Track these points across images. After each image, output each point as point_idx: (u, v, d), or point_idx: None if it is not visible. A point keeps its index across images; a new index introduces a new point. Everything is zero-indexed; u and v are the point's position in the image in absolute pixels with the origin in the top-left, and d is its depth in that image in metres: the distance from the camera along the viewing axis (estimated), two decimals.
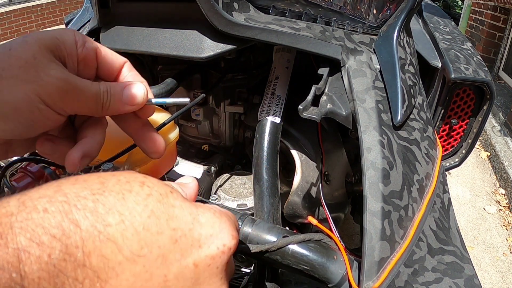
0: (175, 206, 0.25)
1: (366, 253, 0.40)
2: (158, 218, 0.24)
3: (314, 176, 0.60)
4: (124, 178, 0.25)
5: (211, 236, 0.25)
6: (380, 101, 0.52)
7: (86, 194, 0.22)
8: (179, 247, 0.24)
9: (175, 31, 0.52)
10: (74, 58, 0.33)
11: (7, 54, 0.29)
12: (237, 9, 0.49)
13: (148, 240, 0.23)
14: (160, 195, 0.25)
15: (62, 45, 0.32)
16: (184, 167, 0.77)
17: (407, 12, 0.60)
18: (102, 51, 0.35)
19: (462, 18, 4.66)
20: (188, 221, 0.25)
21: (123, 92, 0.34)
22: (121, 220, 0.22)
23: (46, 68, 0.30)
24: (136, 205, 0.23)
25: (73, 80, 0.31)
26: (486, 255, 1.80)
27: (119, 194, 0.23)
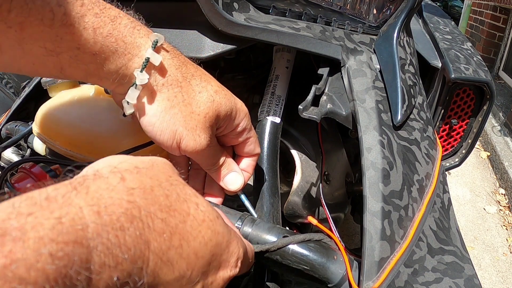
0: (219, 233, 0.27)
1: (366, 253, 0.40)
2: (206, 245, 0.25)
3: (314, 176, 0.60)
4: (181, 194, 0.26)
5: (228, 262, 0.28)
6: (380, 101, 0.52)
7: (155, 210, 0.22)
8: (210, 268, 0.26)
9: (175, 31, 0.52)
10: (229, 129, 0.40)
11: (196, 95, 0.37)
12: (237, 9, 0.49)
13: (193, 263, 0.24)
14: (210, 221, 0.27)
15: (229, 118, 0.39)
16: None
17: (407, 12, 0.60)
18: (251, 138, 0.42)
19: (462, 18, 4.66)
20: (223, 247, 0.28)
21: (228, 175, 0.42)
22: (180, 245, 0.23)
23: (203, 130, 0.37)
24: (192, 230, 0.25)
25: (210, 148, 0.38)
26: (486, 255, 1.80)
27: (181, 216, 0.24)
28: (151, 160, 0.27)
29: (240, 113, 0.39)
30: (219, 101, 0.37)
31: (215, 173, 0.42)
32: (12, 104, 0.73)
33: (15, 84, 1.92)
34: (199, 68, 0.39)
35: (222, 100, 0.37)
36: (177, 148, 0.37)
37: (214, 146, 0.39)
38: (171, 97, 0.36)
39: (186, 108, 0.36)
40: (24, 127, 0.65)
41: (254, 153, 0.44)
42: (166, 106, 0.36)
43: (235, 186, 0.42)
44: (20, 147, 0.67)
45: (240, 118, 0.40)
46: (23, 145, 0.66)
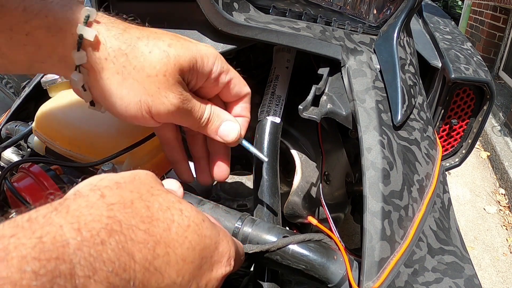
0: (206, 237, 0.27)
1: (366, 253, 0.40)
2: (194, 249, 0.25)
3: (314, 176, 0.60)
4: (164, 202, 0.26)
5: (220, 263, 0.28)
6: (380, 101, 0.52)
7: (137, 222, 0.23)
8: (201, 272, 0.26)
9: (175, 31, 0.52)
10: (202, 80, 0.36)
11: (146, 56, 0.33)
12: (237, 9, 0.49)
13: (183, 269, 0.24)
14: (196, 225, 0.26)
15: (196, 68, 0.35)
16: None
17: (407, 12, 0.60)
18: (233, 79, 0.38)
19: (462, 18, 4.66)
20: (212, 249, 0.27)
21: (221, 126, 0.38)
22: (166, 252, 0.23)
23: (168, 90, 0.34)
24: (178, 237, 0.24)
25: (185, 105, 0.35)
26: (486, 255, 1.80)
27: (164, 224, 0.24)
28: (133, 174, 0.27)
29: (208, 58, 0.35)
30: (175, 53, 0.33)
31: (207, 129, 0.38)
32: (12, 104, 0.73)
33: (15, 84, 1.92)
34: (145, 28, 0.36)
35: (180, 51, 0.34)
36: (151, 118, 0.35)
37: (190, 101, 0.35)
38: (120, 69, 0.33)
39: (140, 74, 0.33)
40: (24, 127, 0.65)
41: (243, 94, 0.40)
42: (118, 80, 0.33)
43: (232, 136, 0.38)
44: (20, 147, 0.67)
45: (210, 64, 0.36)
46: (23, 145, 0.66)
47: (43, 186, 0.44)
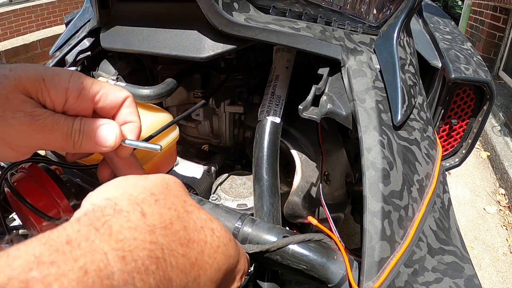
0: (231, 257, 0.28)
1: (366, 253, 0.40)
2: (220, 270, 0.26)
3: (314, 176, 0.60)
4: (198, 221, 0.26)
5: (234, 279, 0.30)
6: (380, 101, 0.52)
7: (176, 246, 0.23)
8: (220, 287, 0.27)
9: (175, 31, 0.52)
10: (59, 98, 0.33)
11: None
12: (237, 9, 0.49)
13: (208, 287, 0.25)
14: (224, 246, 0.27)
15: (45, 87, 0.32)
16: (184, 167, 0.77)
17: (407, 12, 0.60)
18: (102, 89, 0.35)
19: (462, 18, 4.66)
20: (232, 268, 0.28)
21: (96, 134, 0.34)
22: (198, 275, 0.24)
23: (15, 110, 0.30)
24: (209, 258, 0.25)
25: (41, 121, 0.31)
26: (486, 255, 1.80)
27: (199, 246, 0.25)
28: (163, 181, 0.27)
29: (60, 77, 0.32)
30: (16, 75, 0.31)
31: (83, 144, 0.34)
32: None
33: None
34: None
35: (22, 73, 0.31)
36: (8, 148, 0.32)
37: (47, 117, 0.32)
38: None
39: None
40: None
41: (121, 100, 0.35)
42: None
43: (111, 138, 0.34)
44: None
45: (64, 82, 0.32)
46: None
47: (43, 186, 0.44)
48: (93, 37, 0.67)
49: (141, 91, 0.54)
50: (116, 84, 0.55)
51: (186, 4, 0.50)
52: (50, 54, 0.77)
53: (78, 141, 0.33)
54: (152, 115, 0.52)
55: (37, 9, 5.21)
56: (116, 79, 0.58)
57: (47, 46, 3.12)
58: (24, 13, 5.04)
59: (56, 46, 0.76)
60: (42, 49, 3.11)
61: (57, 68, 0.33)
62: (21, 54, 2.95)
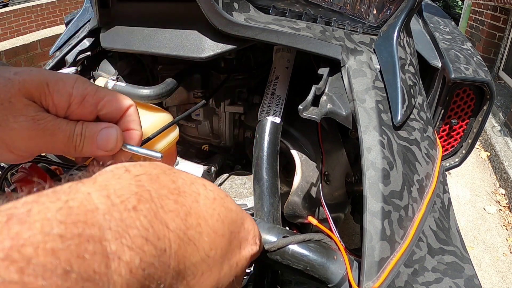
0: (232, 210, 0.27)
1: (366, 253, 0.40)
2: (223, 222, 0.25)
3: (314, 176, 0.60)
4: (187, 178, 0.25)
5: (247, 240, 0.28)
6: (380, 101, 0.52)
7: (166, 193, 0.22)
8: (231, 248, 0.26)
9: (175, 31, 0.52)
10: (62, 103, 0.33)
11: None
12: (237, 9, 0.49)
13: (215, 242, 0.24)
14: (221, 198, 0.26)
15: (48, 92, 0.32)
16: (184, 167, 0.77)
17: (407, 12, 0.60)
18: (106, 96, 0.35)
19: (462, 18, 4.66)
20: (238, 224, 0.27)
21: (98, 137, 0.34)
22: (198, 223, 0.23)
23: (17, 114, 0.31)
24: (207, 208, 0.24)
25: (42, 125, 0.31)
26: (486, 255, 1.80)
27: (192, 196, 0.24)
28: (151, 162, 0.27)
29: (64, 82, 0.32)
30: (20, 79, 0.31)
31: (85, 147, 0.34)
32: None
33: None
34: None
35: (27, 77, 0.31)
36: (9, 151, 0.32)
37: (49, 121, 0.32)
38: None
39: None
40: None
41: (124, 108, 0.36)
42: None
43: (112, 141, 0.34)
44: None
45: (68, 87, 0.32)
46: None
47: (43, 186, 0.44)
48: (93, 37, 0.67)
49: (141, 91, 0.54)
50: (116, 84, 0.55)
51: (186, 4, 0.50)
52: (50, 54, 0.77)
53: (79, 144, 0.34)
54: (152, 115, 0.52)
55: (37, 9, 5.21)
56: (116, 79, 0.58)
57: (47, 46, 3.12)
58: (24, 13, 5.04)
59: (56, 46, 0.76)
60: (42, 49, 3.11)
61: (62, 73, 0.33)
62: (21, 54, 2.95)
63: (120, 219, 0.18)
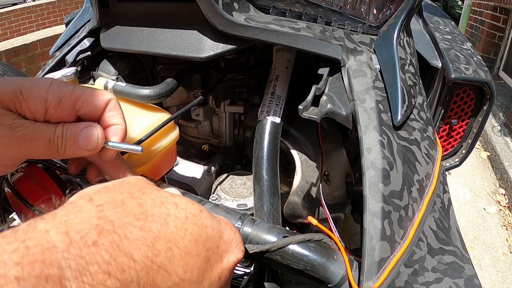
0: (207, 227, 0.26)
1: (366, 253, 0.40)
2: (197, 241, 0.24)
3: (314, 176, 0.60)
4: (157, 198, 0.25)
5: (229, 251, 0.28)
6: (380, 101, 0.52)
7: (131, 220, 0.21)
8: (210, 264, 0.25)
9: (175, 31, 0.52)
10: (39, 108, 0.32)
11: None
12: (237, 9, 0.49)
13: (190, 263, 0.23)
14: (194, 216, 0.25)
15: (22, 99, 0.31)
16: (184, 167, 0.77)
17: (407, 12, 0.60)
18: (83, 95, 0.34)
19: (462, 18, 4.66)
20: (216, 239, 0.26)
21: (79, 137, 0.33)
22: (168, 247, 0.22)
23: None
24: (178, 230, 0.23)
25: (21, 132, 0.31)
26: (486, 255, 1.80)
27: (161, 219, 0.23)
28: (123, 179, 0.26)
29: (38, 87, 0.32)
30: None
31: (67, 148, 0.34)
32: None
33: None
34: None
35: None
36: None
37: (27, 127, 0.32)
38: None
39: None
40: None
41: (104, 103, 0.35)
42: None
43: (93, 139, 0.34)
44: None
45: (42, 92, 0.32)
46: None
47: (43, 186, 0.44)
48: (93, 37, 0.67)
49: (141, 91, 0.54)
50: (116, 84, 0.55)
51: (186, 4, 0.50)
52: (50, 54, 0.77)
53: (61, 147, 0.33)
54: (152, 115, 0.52)
55: (37, 9, 5.21)
56: (116, 79, 0.58)
57: (47, 46, 3.12)
58: (24, 13, 5.04)
59: (56, 46, 0.76)
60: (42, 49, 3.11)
61: (35, 78, 0.33)
62: (21, 54, 2.95)
63: (79, 256, 0.18)
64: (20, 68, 2.94)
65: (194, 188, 0.71)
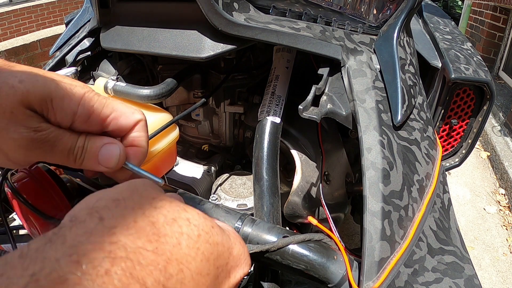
0: (218, 244, 0.26)
1: (366, 253, 0.40)
2: (208, 260, 0.24)
3: (314, 176, 0.60)
4: (169, 214, 0.24)
5: (237, 267, 0.27)
6: (380, 101, 0.52)
7: (143, 243, 0.21)
8: (219, 281, 0.25)
9: (175, 31, 0.52)
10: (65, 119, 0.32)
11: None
12: (237, 9, 0.49)
13: (200, 283, 0.23)
14: (206, 233, 0.25)
15: (52, 106, 0.31)
16: (184, 167, 0.77)
17: (407, 12, 0.60)
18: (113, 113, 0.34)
19: (462, 18, 4.66)
20: (226, 256, 0.26)
21: (99, 152, 0.33)
22: (180, 270, 0.22)
23: (18, 125, 0.30)
24: (189, 250, 0.23)
25: (42, 136, 0.31)
26: (486, 255, 1.80)
27: (173, 239, 0.22)
28: (130, 186, 0.26)
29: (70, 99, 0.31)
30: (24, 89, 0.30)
31: (87, 160, 0.33)
32: None
33: None
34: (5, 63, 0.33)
35: (31, 88, 0.30)
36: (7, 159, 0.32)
37: (50, 133, 0.32)
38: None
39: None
40: None
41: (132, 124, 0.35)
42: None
43: (114, 158, 0.33)
44: None
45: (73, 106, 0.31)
46: None
47: (44, 186, 0.44)
48: (93, 37, 0.67)
49: (141, 91, 0.54)
50: (116, 84, 0.55)
51: (186, 4, 0.50)
52: (50, 54, 0.77)
53: (80, 158, 0.33)
54: (152, 115, 0.52)
55: (37, 9, 5.21)
56: (116, 79, 0.58)
57: (47, 46, 3.12)
58: (24, 13, 5.04)
59: (56, 46, 0.76)
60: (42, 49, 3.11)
61: (68, 88, 0.32)
62: (21, 54, 2.96)
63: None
64: None
65: (194, 188, 0.71)
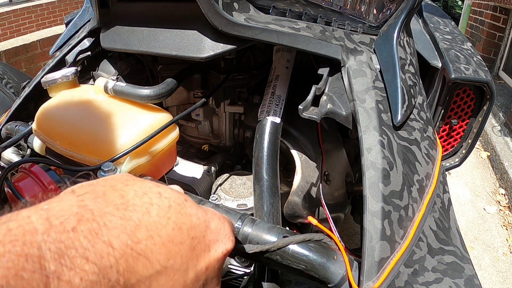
0: (192, 215, 0.26)
1: (366, 253, 0.40)
2: (180, 229, 0.24)
3: (314, 176, 0.60)
4: (140, 189, 0.25)
5: (217, 241, 0.27)
6: (380, 101, 0.52)
7: (111, 210, 0.22)
8: (196, 253, 0.25)
9: (175, 31, 0.52)
10: None
11: None
12: (237, 9, 0.49)
13: (173, 251, 0.23)
14: (178, 205, 0.25)
15: None
16: (184, 167, 0.77)
17: (407, 12, 0.60)
18: None
19: (462, 18, 4.66)
20: (202, 229, 0.26)
21: None
22: (149, 236, 0.22)
23: None
24: (160, 219, 0.24)
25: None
26: (486, 255, 1.80)
27: (142, 208, 0.23)
28: (109, 176, 0.27)
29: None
30: None
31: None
32: (12, 104, 0.73)
33: (15, 84, 1.91)
34: None
35: None
36: None
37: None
38: None
39: None
40: (24, 127, 0.65)
41: None
42: None
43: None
44: (20, 147, 0.67)
45: None
46: (23, 145, 0.66)
47: (43, 186, 0.44)
48: (93, 37, 0.67)
49: (141, 91, 0.54)
50: (116, 84, 0.55)
51: (186, 4, 0.50)
52: (50, 54, 0.77)
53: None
54: (152, 115, 0.52)
55: (37, 9, 5.21)
56: (116, 79, 0.58)
57: (47, 46, 3.12)
58: (24, 13, 5.04)
59: (56, 46, 0.76)
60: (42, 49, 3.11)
61: None
62: (21, 54, 2.95)
63: (59, 240, 0.18)
64: (20, 68, 2.95)
65: (194, 188, 0.71)
